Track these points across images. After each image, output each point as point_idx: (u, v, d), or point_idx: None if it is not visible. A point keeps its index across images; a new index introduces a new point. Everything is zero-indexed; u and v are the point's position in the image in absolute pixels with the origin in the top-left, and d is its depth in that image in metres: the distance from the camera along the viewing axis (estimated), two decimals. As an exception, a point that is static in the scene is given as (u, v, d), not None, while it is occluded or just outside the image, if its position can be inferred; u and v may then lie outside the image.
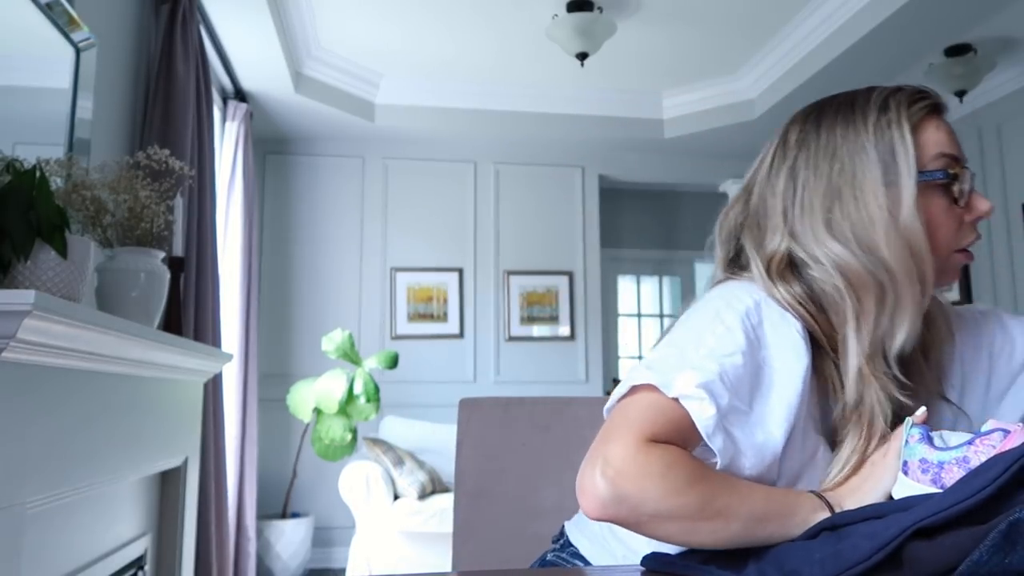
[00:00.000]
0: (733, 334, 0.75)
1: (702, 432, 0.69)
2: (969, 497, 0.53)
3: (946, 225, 0.81)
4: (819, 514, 0.68)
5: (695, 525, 0.67)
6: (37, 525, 1.17)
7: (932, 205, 0.80)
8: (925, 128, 0.83)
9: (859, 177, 0.80)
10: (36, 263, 1.24)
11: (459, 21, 3.49)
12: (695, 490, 0.67)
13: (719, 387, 0.71)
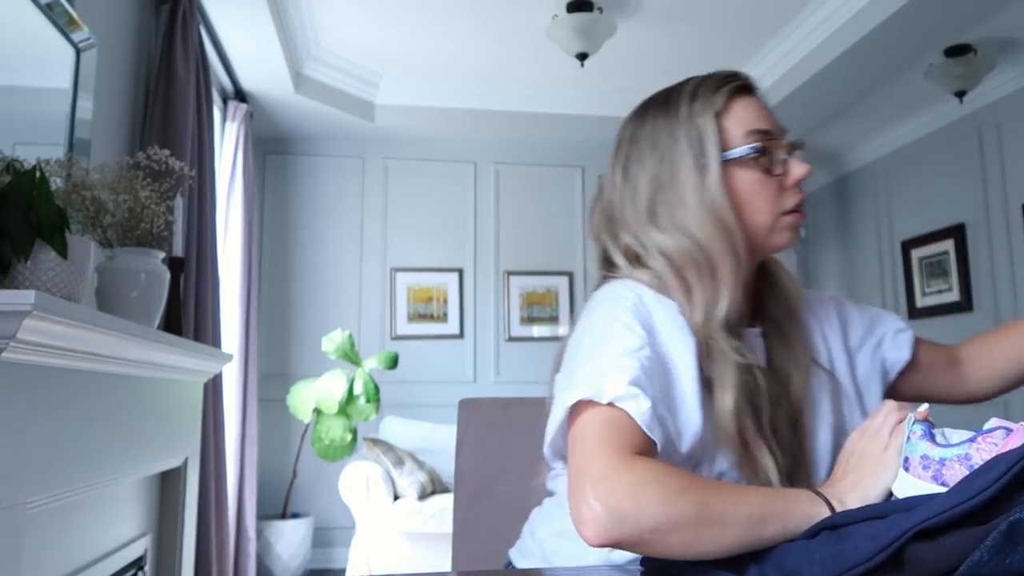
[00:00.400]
0: (633, 329, 0.80)
1: (642, 426, 0.72)
2: (971, 498, 0.53)
3: (764, 195, 0.88)
4: (818, 510, 0.67)
5: (697, 533, 0.66)
6: (37, 525, 1.16)
7: (746, 179, 0.88)
8: (732, 109, 0.90)
9: (675, 165, 0.89)
10: (36, 263, 1.24)
11: (459, 21, 3.49)
12: (689, 497, 0.67)
13: (645, 380, 0.75)
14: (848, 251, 5.34)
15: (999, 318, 4.03)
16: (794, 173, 0.88)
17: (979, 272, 4.16)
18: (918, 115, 4.46)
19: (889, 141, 4.80)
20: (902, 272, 4.73)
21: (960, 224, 4.26)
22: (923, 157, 4.57)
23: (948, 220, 4.36)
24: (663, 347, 0.82)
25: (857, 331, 0.99)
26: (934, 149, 4.48)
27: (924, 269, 4.54)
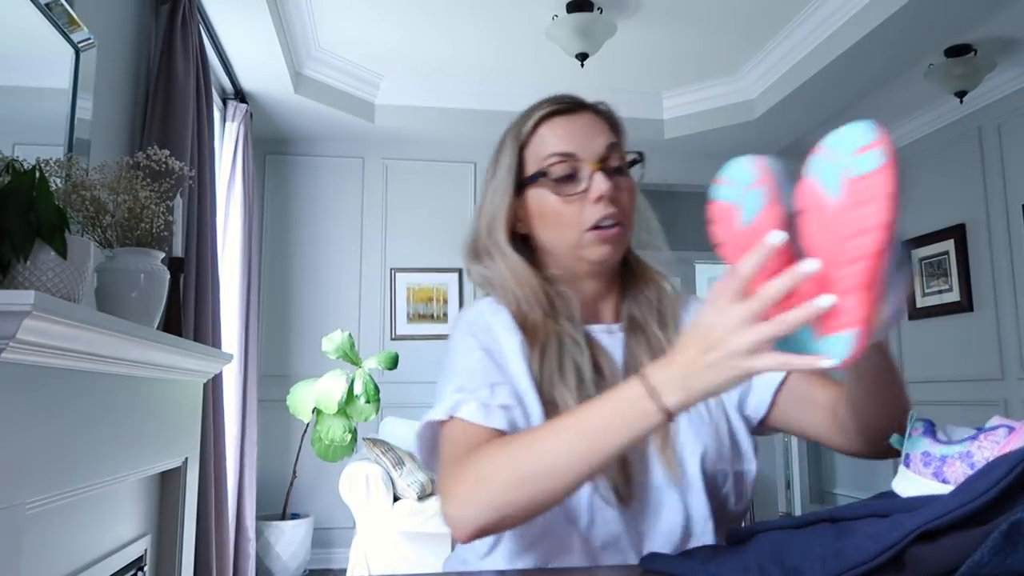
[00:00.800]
0: (468, 344, 0.91)
1: (478, 422, 0.80)
2: (973, 500, 0.53)
3: (565, 214, 0.93)
4: (647, 416, 0.67)
5: (540, 479, 0.70)
6: (37, 525, 1.16)
7: (544, 201, 0.95)
8: (536, 136, 0.97)
9: (494, 186, 0.98)
10: (36, 263, 1.24)
11: (459, 22, 3.49)
12: (517, 451, 0.73)
13: (471, 383, 0.84)
14: (848, 251, 5.34)
15: (999, 318, 4.03)
16: (593, 190, 0.91)
17: (979, 272, 4.16)
18: (918, 115, 4.46)
19: (889, 141, 4.80)
20: (902, 272, 4.72)
21: (960, 224, 4.26)
22: (923, 157, 4.57)
23: (948, 220, 4.36)
24: (497, 343, 0.91)
25: None
26: (934, 149, 4.48)
27: (924, 269, 4.54)
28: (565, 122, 0.96)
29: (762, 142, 4.53)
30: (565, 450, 0.70)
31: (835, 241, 0.54)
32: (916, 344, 4.64)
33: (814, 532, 0.65)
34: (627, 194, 0.95)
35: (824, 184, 0.55)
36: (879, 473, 4.91)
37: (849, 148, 0.54)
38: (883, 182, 0.53)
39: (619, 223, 0.92)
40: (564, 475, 0.70)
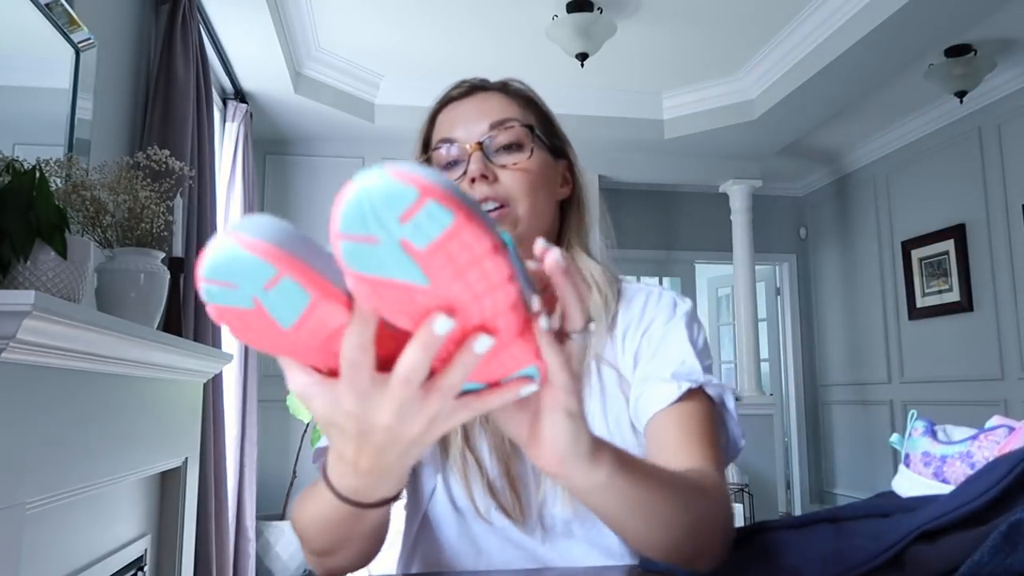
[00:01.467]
0: None
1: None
2: (973, 500, 0.53)
3: None
4: (351, 510, 0.58)
5: (332, 534, 0.64)
6: (37, 525, 1.16)
7: None
8: (436, 122, 0.94)
9: None
10: (36, 263, 1.24)
11: (459, 22, 3.49)
12: (306, 504, 0.67)
13: None
14: (848, 251, 5.34)
15: (999, 318, 4.03)
16: (468, 172, 0.85)
17: (979, 272, 4.16)
18: (918, 115, 4.46)
19: (889, 141, 4.80)
20: (902, 272, 4.73)
21: (960, 224, 4.26)
22: (923, 157, 4.57)
23: (948, 220, 4.36)
24: None
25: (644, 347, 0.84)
26: (934, 149, 4.48)
27: (924, 269, 4.54)
28: (457, 107, 0.93)
29: (762, 142, 4.54)
30: (332, 532, 0.63)
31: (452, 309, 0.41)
32: (916, 344, 4.64)
33: (814, 532, 0.65)
34: (515, 174, 0.86)
35: (391, 271, 0.38)
36: (879, 473, 4.91)
37: (390, 219, 0.37)
38: (471, 239, 0.38)
39: (501, 206, 0.84)
40: (353, 544, 0.65)
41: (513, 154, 0.87)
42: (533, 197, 0.86)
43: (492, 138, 0.87)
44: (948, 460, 0.64)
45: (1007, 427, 0.63)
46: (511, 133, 0.88)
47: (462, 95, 0.94)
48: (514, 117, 0.89)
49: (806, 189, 5.81)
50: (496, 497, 0.78)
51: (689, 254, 5.69)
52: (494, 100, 0.92)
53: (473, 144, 0.87)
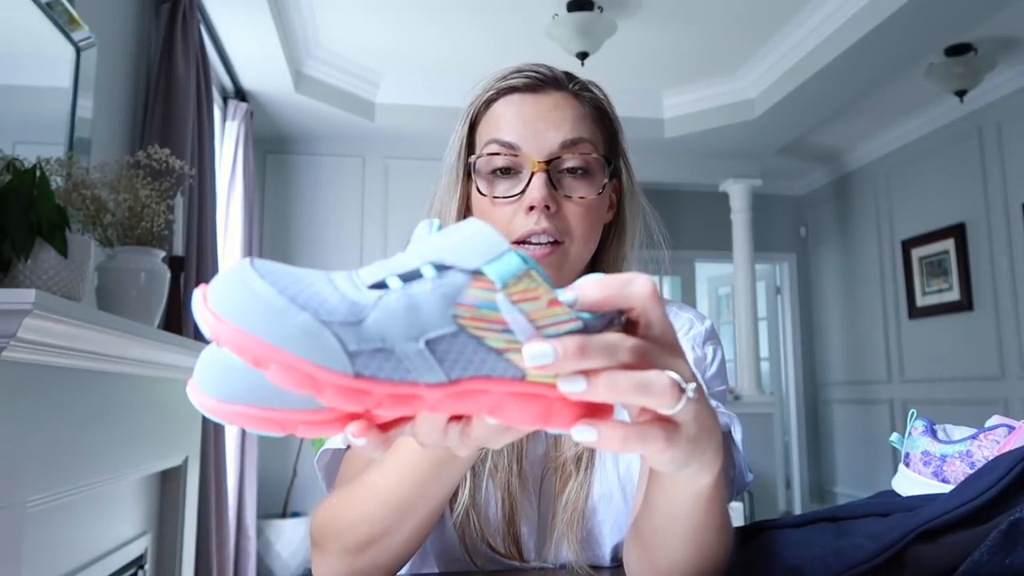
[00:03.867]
0: None
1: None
2: (973, 499, 0.53)
3: (495, 217, 0.75)
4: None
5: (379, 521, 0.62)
6: (37, 524, 1.16)
7: (477, 195, 0.78)
8: (488, 115, 0.79)
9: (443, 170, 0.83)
10: (36, 262, 1.24)
11: (460, 21, 3.49)
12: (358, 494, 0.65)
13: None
14: (848, 251, 5.34)
15: (999, 318, 4.03)
16: (527, 196, 0.73)
17: (979, 272, 4.16)
18: (918, 115, 4.46)
19: (889, 141, 4.80)
20: (902, 272, 4.73)
21: (960, 224, 4.26)
22: (923, 157, 4.57)
23: (948, 220, 4.36)
24: None
25: None
26: (934, 149, 4.48)
27: (924, 269, 4.54)
28: (522, 102, 0.77)
29: (762, 141, 4.54)
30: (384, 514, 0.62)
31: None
32: (916, 343, 4.64)
33: (814, 531, 0.65)
34: (580, 208, 0.75)
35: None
36: (879, 472, 4.92)
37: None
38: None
39: (556, 241, 0.74)
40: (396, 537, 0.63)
41: (580, 182, 0.75)
42: (588, 234, 0.77)
43: (560, 159, 0.75)
44: (948, 459, 0.64)
45: (1007, 426, 0.63)
46: (583, 159, 0.75)
47: (529, 88, 0.77)
48: (589, 139, 0.76)
49: (806, 188, 5.81)
50: (495, 550, 0.77)
51: (689, 253, 5.69)
52: (567, 107, 0.77)
53: (539, 162, 0.74)
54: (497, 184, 0.76)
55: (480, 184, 0.77)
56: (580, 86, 0.80)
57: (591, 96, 0.80)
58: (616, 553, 0.78)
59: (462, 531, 0.76)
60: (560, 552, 0.77)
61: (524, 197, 0.74)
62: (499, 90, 0.78)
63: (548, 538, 0.77)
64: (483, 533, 0.76)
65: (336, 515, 0.65)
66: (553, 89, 0.77)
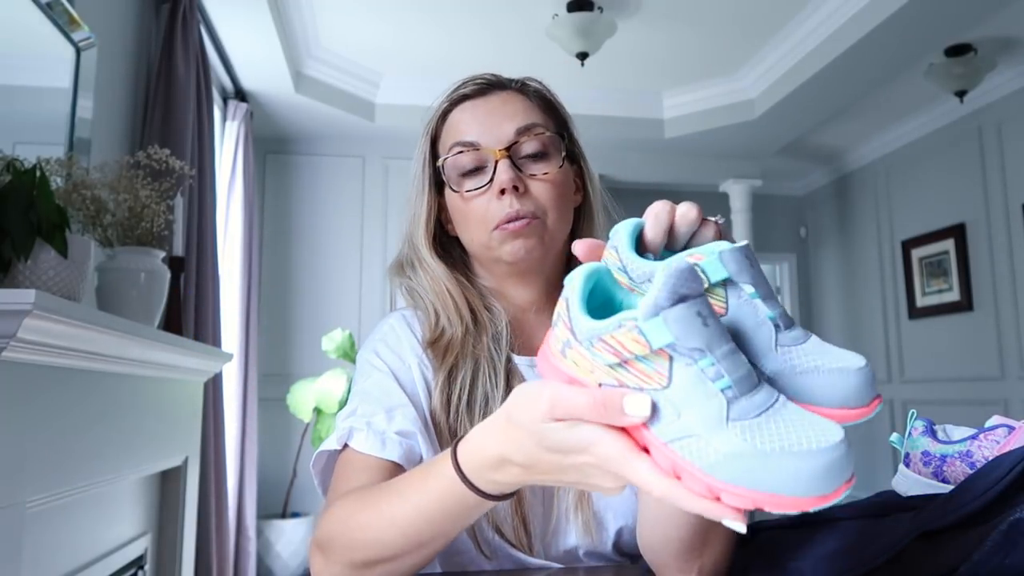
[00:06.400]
0: (371, 363, 0.83)
1: (375, 453, 0.72)
2: (972, 500, 0.53)
3: (472, 210, 0.82)
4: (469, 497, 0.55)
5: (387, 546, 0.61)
6: (37, 525, 1.16)
7: (451, 196, 0.85)
8: (447, 123, 0.87)
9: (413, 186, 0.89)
10: (36, 262, 1.24)
11: (460, 21, 3.49)
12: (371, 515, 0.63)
13: (367, 407, 0.77)
14: (848, 251, 5.34)
15: (999, 318, 4.03)
16: (495, 182, 0.80)
17: (979, 272, 4.16)
18: (918, 115, 4.46)
19: (889, 141, 4.80)
20: (902, 272, 4.73)
21: (960, 224, 4.26)
22: (923, 157, 4.57)
23: (948, 220, 4.36)
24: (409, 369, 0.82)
25: None
26: (934, 149, 4.48)
27: (924, 269, 4.54)
28: (473, 106, 0.86)
29: (762, 142, 4.54)
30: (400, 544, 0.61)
31: None
32: (916, 344, 4.64)
33: (814, 532, 0.65)
34: (545, 184, 0.82)
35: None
36: (879, 472, 4.91)
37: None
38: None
39: (533, 216, 0.81)
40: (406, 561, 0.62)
41: (540, 163, 0.83)
42: (560, 208, 0.84)
43: (518, 145, 0.82)
44: (948, 460, 0.64)
45: (1007, 427, 0.63)
46: (538, 140, 0.83)
47: (477, 93, 0.87)
48: (540, 123, 0.84)
49: (806, 189, 5.81)
50: (504, 537, 0.78)
51: (689, 254, 5.68)
52: (516, 102, 0.86)
53: (499, 150, 0.81)
54: (465, 182, 0.83)
55: (451, 184, 0.83)
56: (521, 83, 0.90)
57: (534, 88, 0.89)
58: (619, 537, 0.79)
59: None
60: (567, 536, 0.79)
61: (493, 184, 0.80)
62: (452, 100, 0.87)
63: (554, 522, 0.79)
64: (491, 517, 0.77)
65: (348, 530, 0.64)
66: (499, 89, 0.87)
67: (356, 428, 0.75)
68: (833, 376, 0.43)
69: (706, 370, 0.40)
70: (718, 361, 0.40)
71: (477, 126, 0.83)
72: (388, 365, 0.81)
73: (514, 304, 0.87)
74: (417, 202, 0.87)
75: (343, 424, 0.76)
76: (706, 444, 0.39)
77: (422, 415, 0.79)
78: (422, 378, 0.81)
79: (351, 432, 0.74)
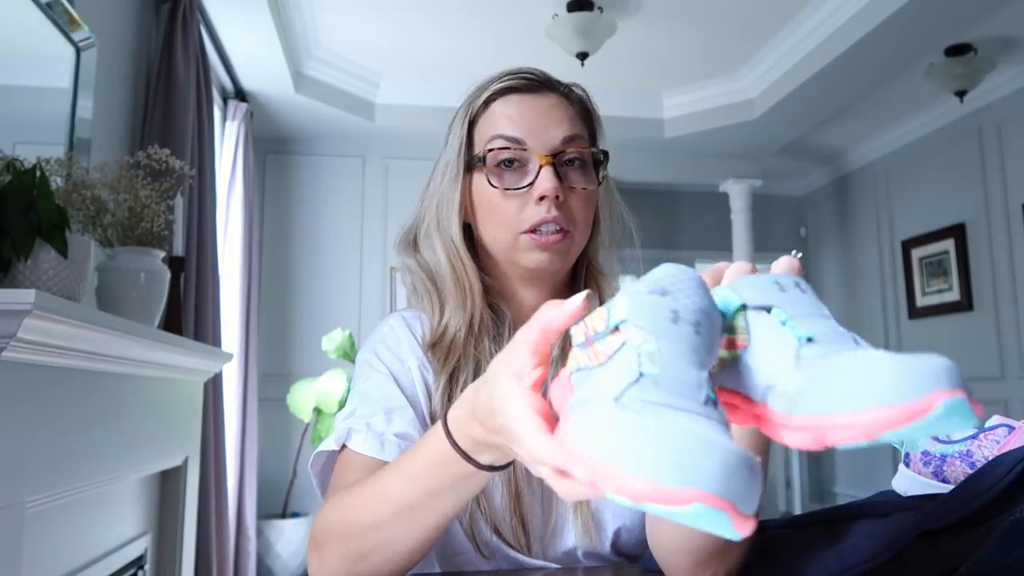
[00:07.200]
0: (371, 364, 0.82)
1: (374, 455, 0.72)
2: (973, 500, 0.53)
3: (501, 208, 0.81)
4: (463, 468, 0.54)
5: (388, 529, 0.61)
6: (37, 525, 1.16)
7: (483, 190, 0.82)
8: (487, 114, 0.84)
9: (442, 166, 0.86)
10: (36, 262, 1.24)
11: (460, 21, 3.49)
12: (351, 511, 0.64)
13: (365, 408, 0.77)
14: (848, 251, 5.34)
15: (999, 318, 4.03)
16: (537, 187, 0.79)
17: (979, 272, 4.16)
18: (918, 115, 4.46)
19: (889, 141, 4.80)
20: (902, 272, 4.73)
21: (960, 224, 4.26)
22: (923, 157, 4.57)
23: (948, 220, 4.36)
24: (409, 370, 0.82)
25: None
26: (934, 149, 4.48)
27: (924, 269, 4.54)
28: (520, 101, 0.83)
29: (762, 142, 4.54)
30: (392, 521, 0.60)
31: None
32: (916, 344, 4.64)
33: (813, 531, 0.65)
34: (582, 198, 0.82)
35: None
36: (879, 472, 4.92)
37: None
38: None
39: (563, 230, 0.80)
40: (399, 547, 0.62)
41: (580, 176, 0.83)
42: (588, 223, 0.84)
43: (563, 153, 0.81)
44: (948, 459, 0.64)
45: (1007, 427, 0.63)
46: (582, 153, 0.83)
47: (527, 89, 0.84)
48: (582, 135, 0.85)
49: (806, 189, 5.81)
50: (503, 537, 0.78)
51: (689, 253, 5.68)
52: (562, 108, 0.85)
53: (545, 156, 0.80)
54: (504, 176, 0.81)
55: (491, 177, 0.81)
56: (567, 88, 0.89)
57: (577, 96, 0.89)
58: (617, 538, 0.80)
59: (469, 518, 0.77)
60: (565, 537, 0.79)
61: (534, 189, 0.79)
62: (498, 91, 0.84)
63: (552, 523, 0.79)
64: (490, 518, 0.77)
65: (344, 517, 0.64)
66: (548, 90, 0.86)
67: (355, 429, 0.75)
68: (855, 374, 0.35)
69: (642, 355, 0.37)
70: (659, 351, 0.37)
71: (524, 124, 0.81)
72: (387, 366, 0.81)
73: (519, 305, 0.86)
74: (451, 184, 0.84)
75: (342, 425, 0.76)
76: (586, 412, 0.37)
77: (421, 417, 0.78)
78: (422, 380, 0.81)
79: (350, 433, 0.74)
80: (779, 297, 0.43)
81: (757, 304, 0.43)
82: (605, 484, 0.34)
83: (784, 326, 0.41)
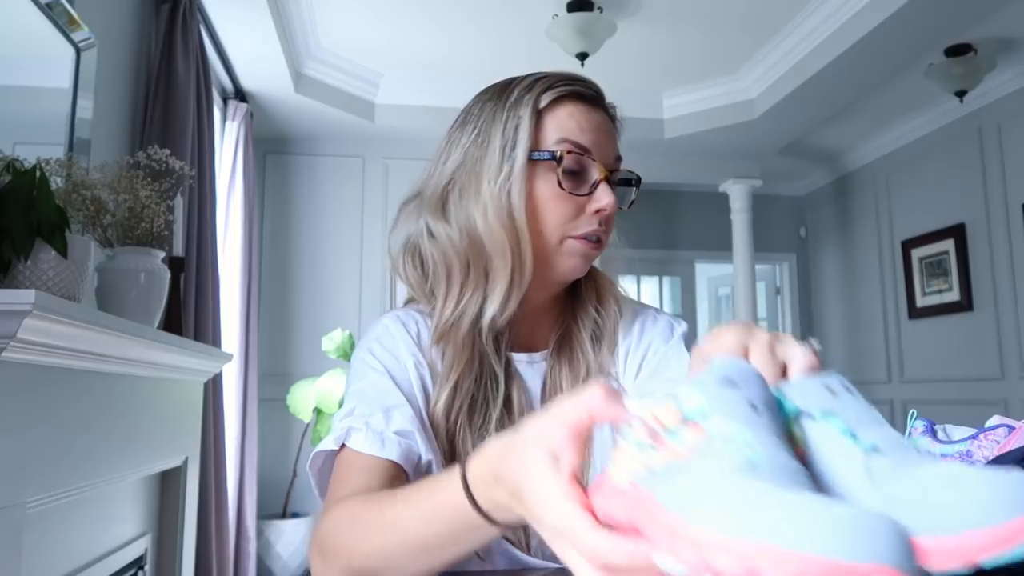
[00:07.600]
0: (367, 363, 0.82)
1: (374, 453, 0.72)
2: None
3: (558, 210, 0.81)
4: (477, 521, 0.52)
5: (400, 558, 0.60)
6: (37, 525, 1.16)
7: (544, 187, 0.81)
8: (555, 112, 0.83)
9: (486, 146, 0.83)
10: (36, 263, 1.24)
11: (460, 21, 3.49)
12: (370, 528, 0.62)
13: (364, 407, 0.77)
14: (848, 251, 5.34)
15: (999, 318, 4.03)
16: (596, 200, 0.81)
17: (979, 272, 4.16)
18: (918, 115, 4.46)
19: (889, 141, 4.80)
20: (902, 272, 4.73)
21: (960, 224, 4.26)
22: (923, 157, 4.57)
23: (948, 220, 4.36)
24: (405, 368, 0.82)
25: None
26: (934, 149, 4.47)
27: (924, 269, 4.54)
28: (587, 112, 0.84)
29: (762, 142, 4.53)
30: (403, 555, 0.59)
31: None
32: (916, 344, 4.64)
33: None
34: (617, 215, 0.86)
35: None
36: (879, 473, 4.91)
37: None
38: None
39: (601, 240, 0.84)
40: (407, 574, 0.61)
41: (623, 194, 0.86)
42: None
43: (616, 171, 0.85)
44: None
45: (1007, 427, 0.63)
46: (630, 174, 0.88)
47: (591, 101, 0.85)
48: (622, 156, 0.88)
49: (806, 189, 5.81)
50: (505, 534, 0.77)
51: (689, 253, 5.68)
52: (611, 126, 0.87)
53: (605, 170, 0.82)
54: (569, 181, 0.82)
55: (561, 176, 0.81)
56: (613, 107, 0.90)
57: (615, 116, 0.90)
58: None
59: None
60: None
61: (592, 200, 0.81)
62: (567, 93, 0.84)
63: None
64: None
65: (350, 534, 0.63)
66: (602, 107, 0.87)
67: (354, 428, 0.74)
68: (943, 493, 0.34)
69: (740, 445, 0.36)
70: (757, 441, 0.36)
71: (592, 134, 0.83)
72: (384, 364, 0.81)
73: (523, 303, 0.85)
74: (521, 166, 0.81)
75: (340, 424, 0.76)
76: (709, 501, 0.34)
77: (419, 414, 0.79)
78: (418, 377, 0.81)
79: (349, 432, 0.74)
80: (834, 403, 0.41)
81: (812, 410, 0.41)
82: (763, 564, 0.31)
83: (845, 435, 0.39)
